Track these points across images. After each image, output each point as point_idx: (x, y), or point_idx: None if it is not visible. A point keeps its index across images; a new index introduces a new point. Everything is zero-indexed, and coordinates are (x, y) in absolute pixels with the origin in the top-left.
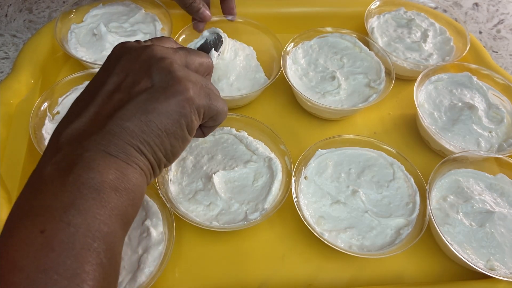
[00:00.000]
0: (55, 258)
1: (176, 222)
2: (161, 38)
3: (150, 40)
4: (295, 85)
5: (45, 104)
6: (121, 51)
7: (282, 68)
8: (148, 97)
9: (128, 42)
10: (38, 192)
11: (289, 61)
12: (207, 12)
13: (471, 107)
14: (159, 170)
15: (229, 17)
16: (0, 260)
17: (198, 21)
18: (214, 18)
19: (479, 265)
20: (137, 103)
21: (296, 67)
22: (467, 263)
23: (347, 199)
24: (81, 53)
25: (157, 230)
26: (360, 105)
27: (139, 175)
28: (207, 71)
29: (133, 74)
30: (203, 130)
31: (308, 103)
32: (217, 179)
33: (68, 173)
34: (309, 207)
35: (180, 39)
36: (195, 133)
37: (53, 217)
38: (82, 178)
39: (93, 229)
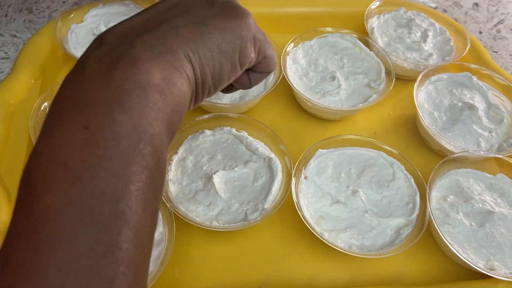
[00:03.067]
0: (101, 154)
1: (176, 222)
2: None
3: None
4: (295, 85)
5: (45, 104)
6: None
7: (282, 69)
8: (207, 13)
9: None
10: (80, 87)
11: (289, 61)
12: None
13: (471, 107)
14: (202, 93)
15: None
16: (41, 157)
17: None
18: None
19: (479, 265)
20: (194, 14)
21: (296, 67)
22: (467, 263)
23: (347, 199)
24: (81, 53)
25: (157, 230)
26: (360, 105)
27: (185, 81)
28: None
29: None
30: (251, 77)
31: (308, 103)
32: (217, 179)
33: (112, 68)
34: (309, 207)
35: None
36: (244, 68)
37: (97, 113)
38: (127, 74)
39: (139, 128)
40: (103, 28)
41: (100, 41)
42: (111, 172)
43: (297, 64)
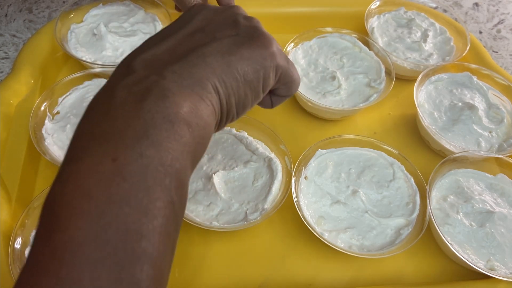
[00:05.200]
0: (127, 189)
1: None
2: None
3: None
4: None
5: (45, 104)
6: (202, 7)
7: None
8: (233, 42)
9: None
10: (109, 115)
11: None
12: None
13: (471, 107)
14: (226, 121)
15: None
16: (66, 187)
17: None
18: None
19: (479, 265)
20: (221, 43)
21: (296, 67)
22: (467, 263)
23: (347, 199)
24: (81, 53)
25: None
26: (361, 104)
27: (211, 113)
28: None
29: (218, 23)
30: (273, 99)
31: (309, 104)
32: (217, 179)
33: (142, 99)
34: (309, 207)
35: None
36: (265, 94)
37: (126, 146)
38: (157, 107)
39: (166, 163)
40: (103, 28)
41: (128, 68)
42: (136, 208)
43: (297, 64)
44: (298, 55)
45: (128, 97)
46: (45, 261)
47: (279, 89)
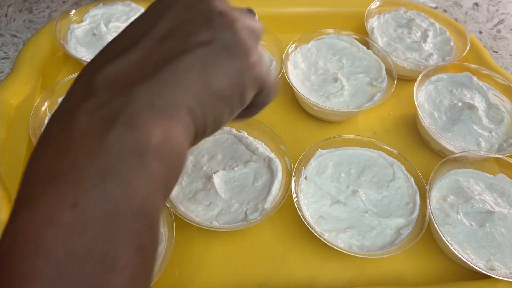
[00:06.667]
0: (90, 241)
1: (176, 222)
2: None
3: None
4: (298, 90)
5: (45, 104)
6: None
7: (285, 73)
8: (208, 52)
9: None
10: (67, 150)
11: (290, 66)
12: None
13: (471, 107)
14: (199, 139)
15: None
16: (21, 237)
17: None
18: None
19: (479, 265)
20: (196, 54)
21: (297, 71)
22: (467, 263)
23: (347, 199)
24: (81, 53)
25: None
26: (366, 105)
27: (184, 139)
28: (258, 37)
29: (190, 23)
30: (251, 110)
31: (315, 108)
32: (217, 179)
33: (106, 129)
34: (309, 207)
35: None
36: (241, 109)
37: (87, 188)
38: (124, 139)
39: (135, 205)
40: (103, 28)
41: (88, 86)
42: (101, 262)
43: (297, 68)
44: (298, 58)
45: (91, 126)
46: None
47: (256, 98)
